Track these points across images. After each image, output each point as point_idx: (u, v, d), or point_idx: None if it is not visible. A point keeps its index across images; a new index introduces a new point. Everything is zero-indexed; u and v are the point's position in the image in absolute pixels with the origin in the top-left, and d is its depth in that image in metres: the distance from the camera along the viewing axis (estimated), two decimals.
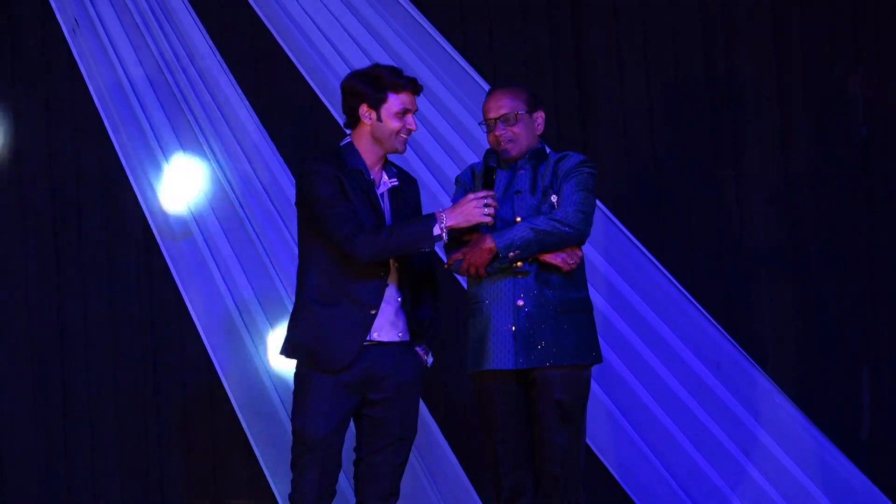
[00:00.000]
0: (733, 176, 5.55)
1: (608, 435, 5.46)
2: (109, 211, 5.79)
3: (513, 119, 4.25)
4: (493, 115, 4.27)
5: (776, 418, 5.40)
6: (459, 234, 4.17)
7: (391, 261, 4.11)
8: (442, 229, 4.02)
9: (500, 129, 4.25)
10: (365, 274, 4.07)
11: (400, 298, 4.15)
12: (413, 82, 4.16)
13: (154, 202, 5.73)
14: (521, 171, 4.28)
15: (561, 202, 4.20)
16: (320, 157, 4.17)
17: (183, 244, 5.72)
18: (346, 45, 5.75)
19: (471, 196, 4.06)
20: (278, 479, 5.55)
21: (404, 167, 4.67)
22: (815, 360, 5.45)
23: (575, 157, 4.29)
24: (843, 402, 5.42)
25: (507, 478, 4.23)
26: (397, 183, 4.19)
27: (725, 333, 5.46)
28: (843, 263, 5.45)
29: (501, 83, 4.41)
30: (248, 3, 5.81)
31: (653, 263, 5.53)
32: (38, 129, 5.81)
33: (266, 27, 5.79)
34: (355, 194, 4.06)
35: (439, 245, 4.16)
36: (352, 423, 4.18)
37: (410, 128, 4.15)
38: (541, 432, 4.17)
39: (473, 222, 4.05)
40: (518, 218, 4.20)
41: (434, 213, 4.04)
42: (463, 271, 4.19)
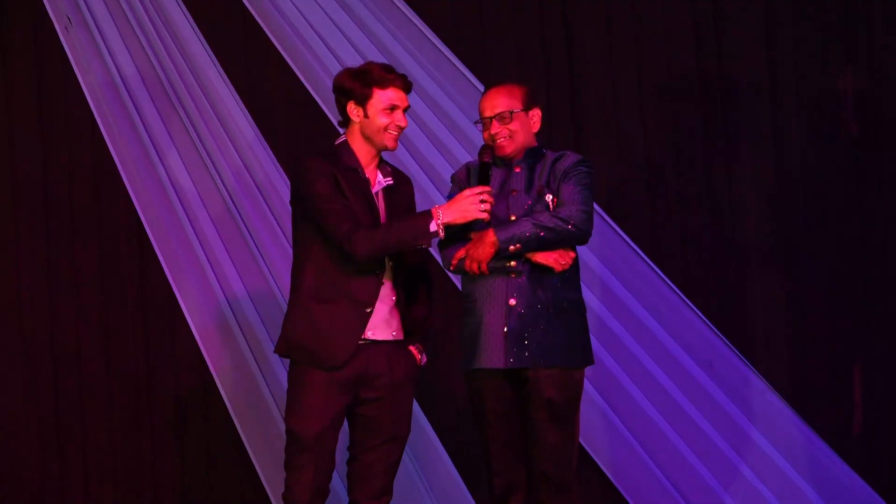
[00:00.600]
0: (725, 175, 5.55)
1: (601, 434, 5.47)
2: (102, 209, 5.78)
3: (508, 117, 4.24)
4: (488, 113, 4.25)
5: (768, 416, 5.40)
6: (461, 232, 4.17)
7: (386, 259, 4.11)
8: (438, 226, 3.99)
9: (496, 127, 4.24)
10: (361, 271, 4.05)
11: (394, 297, 4.13)
12: (401, 78, 4.12)
13: (147, 200, 5.73)
14: (517, 170, 4.27)
15: (563, 201, 4.18)
16: (316, 155, 4.15)
17: (175, 244, 5.72)
18: (339, 44, 5.75)
19: (467, 192, 4.04)
20: (271, 478, 5.55)
21: (398, 164, 4.68)
22: (807, 358, 5.45)
23: (572, 156, 4.28)
24: (835, 401, 5.42)
25: (499, 476, 4.22)
26: (392, 182, 4.18)
27: (718, 332, 5.47)
28: (835, 262, 5.45)
29: (498, 81, 4.36)
30: (241, 1, 5.80)
31: (645, 262, 5.53)
32: (31, 126, 5.81)
33: (258, 24, 5.78)
34: (350, 192, 4.06)
35: (434, 243, 4.15)
36: (345, 423, 4.18)
37: (399, 124, 4.11)
38: (533, 432, 4.16)
39: (470, 218, 4.02)
40: (513, 216, 4.20)
41: (430, 210, 4.02)
42: (466, 268, 4.18)
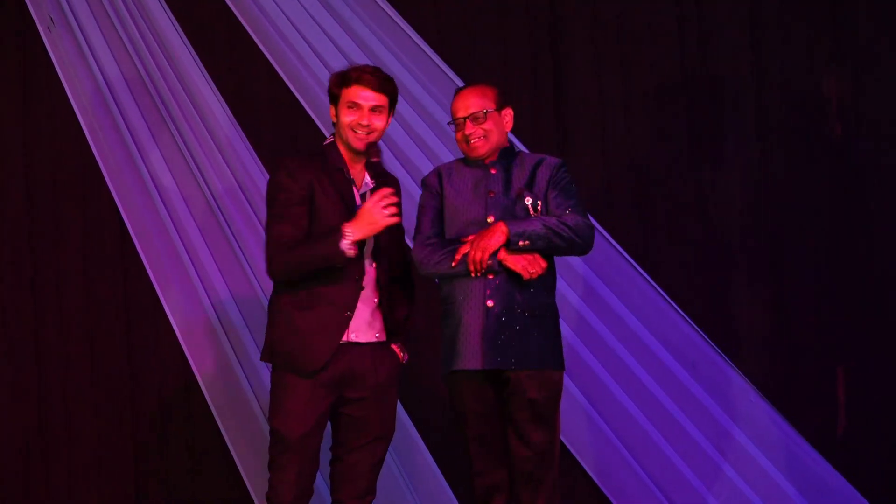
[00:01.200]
0: (710, 175, 5.56)
1: (584, 433, 5.47)
2: (86, 212, 5.77)
3: (482, 117, 4.27)
4: (461, 113, 4.28)
5: (752, 417, 5.41)
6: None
7: (367, 261, 4.10)
8: (348, 244, 3.96)
9: (470, 128, 4.27)
10: (340, 278, 4.06)
11: (376, 300, 4.15)
12: (370, 76, 4.11)
13: (130, 203, 5.72)
14: (493, 171, 4.29)
15: (557, 212, 4.20)
16: (297, 156, 4.16)
17: (159, 246, 5.72)
18: (323, 45, 5.75)
19: (367, 204, 4.01)
20: (255, 479, 5.54)
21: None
22: (791, 358, 5.46)
23: (552, 160, 4.32)
24: (818, 401, 5.43)
25: (480, 476, 4.24)
26: (374, 185, 4.15)
27: (701, 332, 5.47)
28: (819, 263, 5.46)
29: (469, 84, 4.42)
30: (225, 3, 5.80)
31: (629, 262, 5.54)
32: (14, 128, 5.80)
33: (243, 26, 5.78)
34: (327, 195, 4.06)
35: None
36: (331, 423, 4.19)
37: (360, 122, 4.10)
38: (515, 432, 4.17)
39: (381, 227, 4.00)
40: (490, 218, 4.21)
41: (340, 228, 3.97)
42: (469, 259, 4.12)
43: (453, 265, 4.18)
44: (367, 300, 4.12)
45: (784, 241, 5.49)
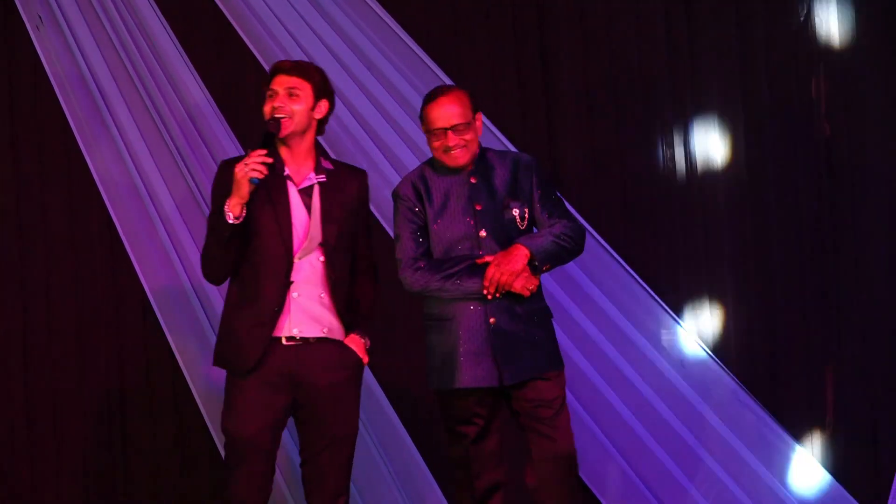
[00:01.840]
0: (698, 175, 5.54)
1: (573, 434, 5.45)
2: (73, 209, 5.77)
3: (464, 128, 4.19)
4: (442, 123, 4.17)
5: (740, 416, 5.39)
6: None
7: (312, 255, 4.07)
8: (229, 216, 3.95)
9: (453, 139, 4.17)
10: (268, 276, 4.05)
11: (324, 294, 4.11)
12: (279, 63, 4.17)
13: (118, 200, 5.72)
14: (473, 181, 4.22)
15: (546, 221, 4.20)
16: (225, 162, 4.17)
17: (148, 243, 5.71)
18: (310, 43, 5.74)
19: (236, 170, 3.95)
20: None
21: (372, 164, 4.63)
22: (779, 358, 5.45)
23: (526, 158, 4.30)
24: (806, 401, 5.42)
25: (480, 478, 4.22)
26: (324, 179, 4.13)
27: (690, 332, 5.46)
28: (807, 262, 5.45)
29: (442, 89, 4.27)
30: (214, 1, 5.79)
31: (618, 262, 5.52)
32: (2, 126, 5.79)
33: (230, 23, 5.78)
34: (259, 196, 4.01)
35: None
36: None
37: (273, 104, 4.09)
38: (534, 429, 4.16)
39: (244, 183, 3.93)
40: (483, 232, 4.17)
41: (222, 208, 3.97)
42: (495, 281, 4.07)
43: (486, 294, 4.08)
44: (310, 294, 4.08)
45: (772, 241, 5.50)
